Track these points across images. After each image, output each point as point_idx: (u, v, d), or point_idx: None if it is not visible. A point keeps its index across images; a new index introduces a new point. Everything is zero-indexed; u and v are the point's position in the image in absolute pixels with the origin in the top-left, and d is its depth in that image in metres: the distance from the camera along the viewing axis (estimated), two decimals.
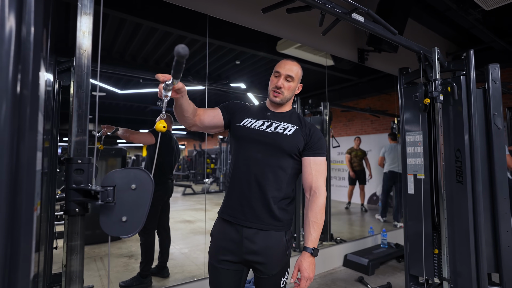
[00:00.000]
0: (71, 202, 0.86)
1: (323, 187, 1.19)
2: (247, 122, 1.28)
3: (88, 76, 0.91)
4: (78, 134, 0.88)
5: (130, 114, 4.89)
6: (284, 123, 1.27)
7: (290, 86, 1.28)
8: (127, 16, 2.81)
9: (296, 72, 1.28)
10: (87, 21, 0.91)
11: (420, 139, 2.10)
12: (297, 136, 1.24)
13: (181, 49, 0.80)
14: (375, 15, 1.54)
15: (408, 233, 2.13)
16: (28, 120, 0.55)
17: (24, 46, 0.47)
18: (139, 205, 0.89)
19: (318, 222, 1.16)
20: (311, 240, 1.15)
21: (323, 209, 1.17)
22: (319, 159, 1.22)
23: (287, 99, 1.30)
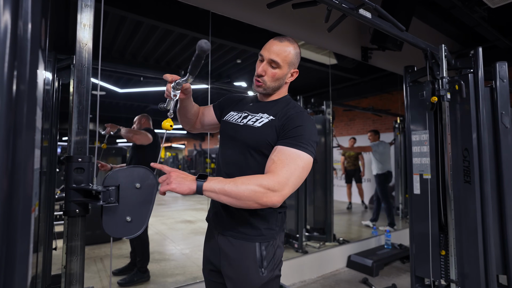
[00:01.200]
0: (71, 202, 0.82)
1: (283, 182, 0.84)
2: (229, 116, 1.13)
3: (89, 71, 0.87)
4: (78, 132, 0.84)
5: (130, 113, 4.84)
6: (260, 114, 1.05)
7: (275, 73, 1.03)
8: (127, 14, 2.77)
9: (284, 55, 1.01)
10: (88, 13, 0.87)
11: (427, 138, 2.06)
12: (266, 128, 0.99)
13: (205, 44, 0.79)
14: (382, 11, 1.50)
15: (414, 234, 2.09)
16: (25, 118, 0.51)
17: (20, 42, 0.44)
18: (143, 204, 0.86)
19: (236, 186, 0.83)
20: (213, 180, 0.85)
21: (256, 191, 0.82)
22: (289, 149, 0.90)
23: (273, 89, 1.06)
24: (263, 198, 0.83)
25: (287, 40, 1.04)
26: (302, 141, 0.92)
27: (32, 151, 0.57)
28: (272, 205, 0.85)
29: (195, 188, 0.82)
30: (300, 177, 0.89)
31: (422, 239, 2.03)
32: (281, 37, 1.05)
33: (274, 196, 0.84)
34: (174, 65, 4.76)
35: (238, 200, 0.83)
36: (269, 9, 1.51)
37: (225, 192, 0.83)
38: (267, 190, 0.83)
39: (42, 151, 0.86)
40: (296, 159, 0.89)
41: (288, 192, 0.86)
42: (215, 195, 0.83)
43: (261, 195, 0.83)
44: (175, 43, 3.78)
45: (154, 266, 2.73)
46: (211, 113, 1.22)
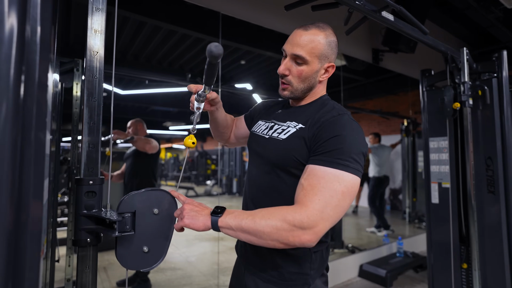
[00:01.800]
0: (81, 230, 0.73)
1: (314, 216, 0.66)
2: (257, 127, 0.96)
3: (101, 82, 0.78)
4: (89, 151, 0.75)
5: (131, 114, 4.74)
6: (287, 123, 0.85)
7: (302, 71, 0.82)
8: (130, 14, 2.68)
9: (311, 47, 0.80)
10: (100, 18, 0.78)
11: (446, 145, 1.97)
12: (293, 140, 0.79)
13: (214, 47, 0.65)
14: (407, 13, 1.41)
15: (432, 245, 2.01)
16: (33, 135, 0.44)
17: (29, 46, 0.42)
18: (162, 232, 0.77)
19: (254, 222, 0.67)
20: (230, 214, 0.71)
21: (279, 228, 0.66)
22: (322, 169, 0.70)
23: (302, 91, 0.85)
24: (289, 238, 0.66)
25: (316, 27, 0.82)
26: (340, 157, 0.70)
27: (41, 180, 0.49)
28: (302, 245, 0.67)
29: (210, 225, 0.71)
30: (340, 206, 0.68)
31: (441, 250, 1.95)
32: (308, 24, 0.83)
33: (304, 235, 0.66)
34: (177, 65, 4.67)
35: (259, 239, 0.68)
36: (287, 11, 1.41)
37: (242, 228, 0.68)
38: (294, 227, 0.65)
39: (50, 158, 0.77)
40: (333, 182, 0.68)
41: (323, 229, 0.67)
42: (233, 232, 0.70)
43: (287, 234, 0.66)
44: (178, 43, 3.69)
45: (159, 276, 2.65)
46: (243, 125, 1.07)
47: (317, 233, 0.66)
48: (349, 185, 0.70)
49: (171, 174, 12.18)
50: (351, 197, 0.71)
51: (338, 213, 0.69)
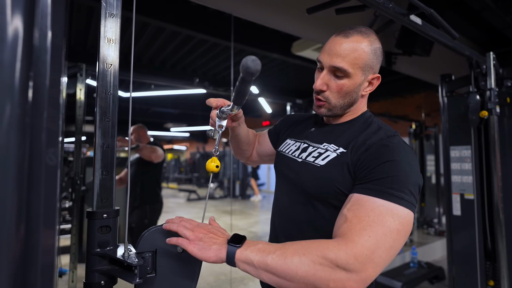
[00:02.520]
0: (94, 272, 0.63)
1: (363, 256, 0.52)
2: (285, 146, 0.85)
3: (115, 99, 0.68)
4: (103, 179, 0.65)
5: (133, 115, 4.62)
6: (325, 144, 0.73)
7: (342, 86, 0.70)
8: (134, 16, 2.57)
9: (353, 57, 0.68)
10: (114, 25, 0.68)
11: (469, 155, 1.88)
12: (334, 167, 0.68)
13: (251, 62, 0.54)
14: (438, 17, 1.32)
15: (453, 257, 1.92)
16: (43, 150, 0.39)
17: (37, 51, 0.38)
18: (187, 274, 0.67)
19: (284, 259, 0.54)
20: (252, 246, 0.58)
21: (317, 269, 0.52)
22: (372, 200, 0.58)
23: (341, 108, 0.74)
24: (329, 283, 0.51)
25: (358, 33, 0.70)
26: (394, 186, 0.58)
27: (53, 201, 0.39)
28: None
29: (224, 257, 0.57)
30: (394, 248, 0.55)
31: (464, 265, 1.86)
32: (347, 30, 0.71)
33: (349, 281, 0.51)
34: (180, 67, 4.57)
35: (289, 282, 0.53)
36: (309, 14, 1.32)
37: (267, 267, 0.54)
38: (337, 269, 0.51)
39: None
40: (386, 217, 0.55)
41: (372, 274, 0.52)
42: (254, 270, 0.56)
43: (327, 277, 0.51)
44: (181, 44, 3.60)
45: None
46: (267, 141, 0.96)
47: (365, 280, 0.52)
48: (405, 222, 0.57)
49: (172, 176, 12.07)
50: (406, 236, 0.57)
51: (391, 257, 0.55)
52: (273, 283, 0.56)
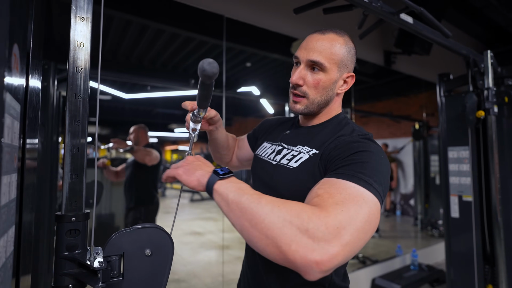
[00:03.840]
0: (62, 276, 0.63)
1: (335, 226, 0.45)
2: (261, 149, 0.85)
3: (86, 103, 0.68)
4: (72, 183, 0.65)
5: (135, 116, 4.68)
6: (299, 147, 0.73)
7: (319, 80, 0.70)
8: (133, 18, 2.61)
9: (330, 52, 0.69)
10: (84, 29, 0.68)
11: (467, 156, 1.84)
12: (306, 169, 0.67)
13: (207, 65, 0.54)
14: (429, 15, 1.29)
15: (452, 260, 1.88)
16: None
17: None
18: (156, 277, 0.67)
19: (258, 204, 0.49)
20: (233, 183, 0.56)
21: (285, 226, 0.46)
22: (343, 182, 0.54)
23: (318, 105, 0.73)
24: (292, 244, 0.44)
25: (333, 32, 0.72)
26: (364, 172, 0.55)
27: None
28: (302, 265, 0.44)
29: (205, 183, 0.57)
30: (364, 231, 0.48)
31: (463, 268, 1.82)
32: (323, 29, 0.74)
33: (313, 251, 0.43)
34: (181, 69, 4.59)
35: (252, 228, 0.48)
36: (296, 14, 1.30)
37: (238, 204, 0.51)
38: (305, 233, 0.44)
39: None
40: (357, 198, 0.51)
41: (338, 254, 0.44)
42: (225, 205, 0.53)
43: (292, 237, 0.45)
44: (182, 47, 3.61)
45: None
46: (246, 146, 0.96)
47: (329, 256, 0.43)
48: (373, 209, 0.51)
49: None
50: (374, 225, 0.52)
51: (360, 242, 0.48)
52: (238, 224, 0.52)
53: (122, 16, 2.58)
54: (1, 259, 0.41)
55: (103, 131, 4.46)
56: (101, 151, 3.04)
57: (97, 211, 2.55)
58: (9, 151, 0.42)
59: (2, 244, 0.42)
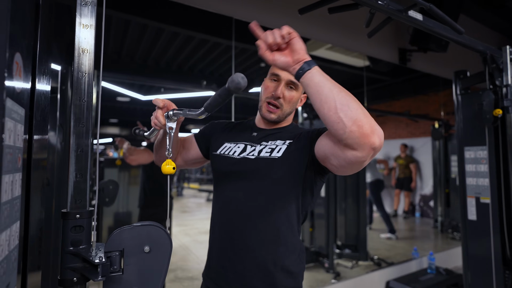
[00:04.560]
0: (67, 269, 0.67)
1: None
2: (225, 149, 0.94)
3: (89, 106, 0.72)
4: (77, 182, 0.69)
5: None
6: (272, 142, 0.89)
7: (292, 97, 0.90)
8: (149, 22, 2.69)
9: None
10: (89, 35, 0.72)
11: (485, 156, 1.76)
12: (291, 154, 0.84)
13: (242, 79, 0.62)
14: (439, 12, 1.25)
15: (469, 264, 1.81)
16: None
17: None
18: (154, 272, 0.69)
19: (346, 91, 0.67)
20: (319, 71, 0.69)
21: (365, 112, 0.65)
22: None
23: (286, 115, 0.93)
24: (366, 125, 0.63)
25: None
26: None
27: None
28: (369, 142, 0.63)
29: (303, 61, 0.69)
30: None
31: (481, 272, 1.74)
32: None
33: (375, 135, 0.64)
34: (196, 70, 4.67)
35: (343, 106, 0.64)
36: (301, 15, 1.30)
37: (334, 86, 0.67)
38: (371, 120, 0.65)
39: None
40: None
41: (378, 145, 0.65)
42: (320, 84, 0.67)
43: (368, 119, 0.64)
44: (197, 48, 3.67)
45: (176, 285, 2.62)
46: (194, 147, 1.02)
47: (378, 144, 0.65)
48: None
49: (194, 177, 12.32)
50: None
51: None
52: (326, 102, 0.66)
53: (139, 21, 2.66)
54: (4, 252, 0.45)
55: (123, 131, 4.60)
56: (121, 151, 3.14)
57: (114, 208, 2.65)
58: (11, 152, 0.46)
59: (4, 238, 0.45)
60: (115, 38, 2.90)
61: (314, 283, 2.63)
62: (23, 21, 0.53)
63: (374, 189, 4.31)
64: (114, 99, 3.92)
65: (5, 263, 0.45)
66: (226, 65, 4.29)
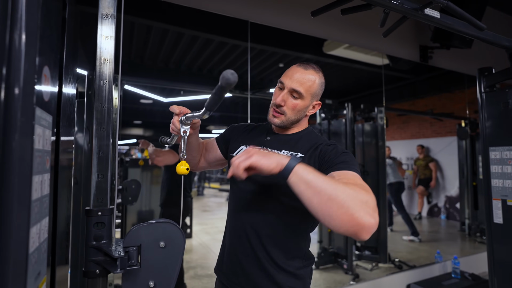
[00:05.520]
0: (90, 262, 0.73)
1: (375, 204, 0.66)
2: (240, 152, 0.98)
3: (110, 112, 0.77)
4: (99, 182, 0.74)
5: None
6: (284, 151, 0.92)
7: (296, 105, 0.91)
8: (169, 27, 2.78)
9: (308, 85, 0.90)
10: (109, 46, 0.78)
11: (511, 156, 1.68)
12: None
13: (231, 75, 0.64)
14: (457, 8, 1.22)
15: (494, 268, 1.74)
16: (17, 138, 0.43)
17: (14, 53, 0.44)
18: (169, 267, 0.74)
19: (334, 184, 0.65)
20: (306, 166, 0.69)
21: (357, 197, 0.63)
22: (350, 172, 0.77)
23: (291, 122, 0.94)
24: (359, 212, 0.61)
25: (313, 68, 0.93)
26: (349, 163, 0.79)
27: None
28: (364, 228, 0.61)
29: (285, 164, 0.67)
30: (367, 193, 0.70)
31: (507, 279, 1.67)
32: (305, 64, 0.94)
33: (371, 218, 0.61)
34: (217, 71, 4.76)
35: (331, 201, 0.62)
36: (314, 17, 1.31)
37: (317, 183, 0.65)
38: (367, 203, 0.63)
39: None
40: (354, 177, 0.75)
41: (377, 222, 0.63)
42: (304, 183, 0.65)
43: (361, 206, 0.62)
44: (215, 51, 3.74)
45: (196, 282, 2.69)
46: (215, 148, 1.08)
47: (377, 222, 0.63)
48: (361, 180, 0.76)
49: (215, 176, 12.52)
50: None
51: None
52: (316, 199, 0.64)
53: (160, 26, 2.76)
54: (35, 243, 0.51)
55: (146, 132, 4.77)
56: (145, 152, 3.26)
57: (137, 207, 2.76)
58: (40, 155, 0.51)
59: (35, 231, 0.51)
60: (137, 44, 3.02)
61: (332, 284, 2.61)
62: (51, 36, 0.59)
63: (395, 191, 4.24)
64: (138, 102, 4.09)
65: (36, 253, 0.51)
66: (244, 67, 4.36)
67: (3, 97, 0.43)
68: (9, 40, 0.44)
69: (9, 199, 0.42)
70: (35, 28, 0.47)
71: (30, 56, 0.45)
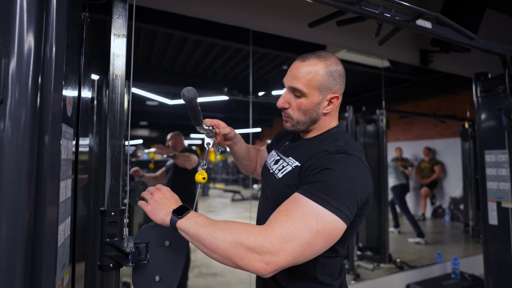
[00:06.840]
0: (105, 257, 0.81)
1: (277, 243, 0.59)
2: (269, 157, 0.94)
3: (122, 122, 0.86)
4: (112, 185, 0.83)
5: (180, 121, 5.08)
6: (289, 158, 0.82)
7: (301, 104, 0.78)
8: (174, 32, 2.88)
9: (307, 79, 0.76)
10: (120, 64, 0.86)
11: (506, 159, 1.73)
12: (287, 180, 0.77)
13: (186, 92, 0.70)
14: (446, 20, 1.28)
15: (490, 267, 1.79)
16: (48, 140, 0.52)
17: (46, 64, 0.53)
18: (173, 264, 0.82)
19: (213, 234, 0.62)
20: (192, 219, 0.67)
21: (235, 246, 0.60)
22: (302, 199, 0.64)
23: (304, 124, 0.81)
24: (244, 260, 0.59)
25: (314, 57, 0.78)
26: (322, 190, 0.63)
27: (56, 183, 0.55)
28: (254, 271, 0.60)
29: (168, 223, 0.68)
30: (310, 245, 0.61)
31: (502, 280, 1.72)
32: (306, 54, 0.80)
33: (261, 261, 0.58)
34: (221, 74, 4.85)
35: (213, 253, 0.63)
36: (311, 28, 1.39)
37: (199, 237, 0.64)
38: (254, 250, 0.59)
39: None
40: (310, 217, 0.61)
41: (283, 262, 0.59)
42: (190, 238, 0.66)
43: (243, 255, 0.60)
44: (218, 55, 3.83)
45: (200, 281, 2.78)
46: (266, 155, 1.05)
47: (274, 265, 0.59)
48: (328, 226, 0.62)
49: (219, 177, 12.62)
50: (326, 240, 0.63)
51: (306, 253, 0.61)
52: (203, 252, 0.65)
53: (165, 31, 2.86)
54: (61, 239, 0.59)
55: (152, 133, 4.88)
56: (151, 153, 3.38)
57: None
58: (65, 164, 0.60)
59: (62, 228, 0.59)
60: (144, 48, 3.12)
61: None
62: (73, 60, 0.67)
63: (399, 193, 4.25)
64: (144, 103, 4.20)
65: (62, 247, 0.60)
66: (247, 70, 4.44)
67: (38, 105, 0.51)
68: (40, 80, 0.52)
69: (42, 201, 0.51)
70: (61, 57, 0.56)
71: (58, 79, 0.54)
